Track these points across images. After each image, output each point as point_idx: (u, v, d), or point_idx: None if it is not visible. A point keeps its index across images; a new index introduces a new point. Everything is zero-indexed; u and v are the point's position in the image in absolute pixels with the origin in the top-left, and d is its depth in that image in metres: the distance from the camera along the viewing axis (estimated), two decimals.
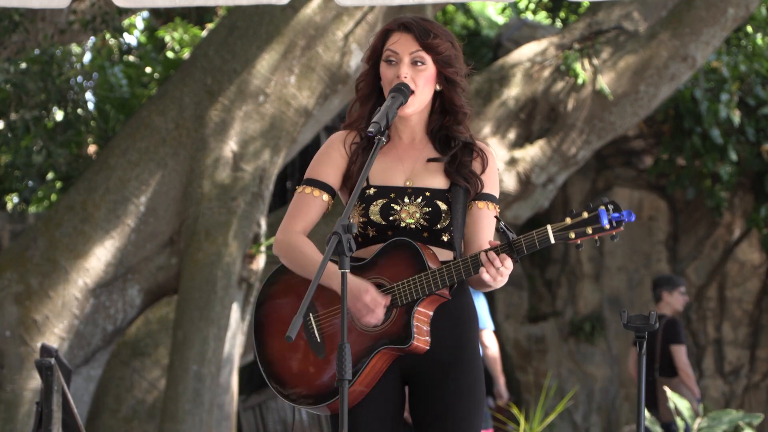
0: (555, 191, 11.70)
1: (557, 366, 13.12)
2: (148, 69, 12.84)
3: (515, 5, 13.93)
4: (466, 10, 14.40)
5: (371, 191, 4.15)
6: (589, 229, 3.92)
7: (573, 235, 3.94)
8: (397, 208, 4.13)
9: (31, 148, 11.22)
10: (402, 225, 4.12)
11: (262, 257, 9.66)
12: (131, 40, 14.33)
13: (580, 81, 11.03)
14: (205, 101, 9.64)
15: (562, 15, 13.63)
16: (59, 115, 11.35)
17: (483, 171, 4.21)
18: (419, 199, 4.13)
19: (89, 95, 11.85)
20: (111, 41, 12.50)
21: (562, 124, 11.12)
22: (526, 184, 11.09)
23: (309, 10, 9.78)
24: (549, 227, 3.95)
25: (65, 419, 5.18)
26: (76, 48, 12.14)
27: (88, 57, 13.13)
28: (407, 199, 4.14)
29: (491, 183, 4.22)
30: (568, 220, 3.95)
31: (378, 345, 4.03)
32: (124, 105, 12.00)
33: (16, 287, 9.26)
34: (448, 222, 4.13)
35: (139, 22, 14.46)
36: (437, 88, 4.20)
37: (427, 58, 4.15)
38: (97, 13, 10.50)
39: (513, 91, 11.20)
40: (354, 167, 4.18)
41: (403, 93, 4.10)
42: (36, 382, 9.05)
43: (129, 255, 9.43)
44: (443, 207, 4.13)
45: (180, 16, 12.87)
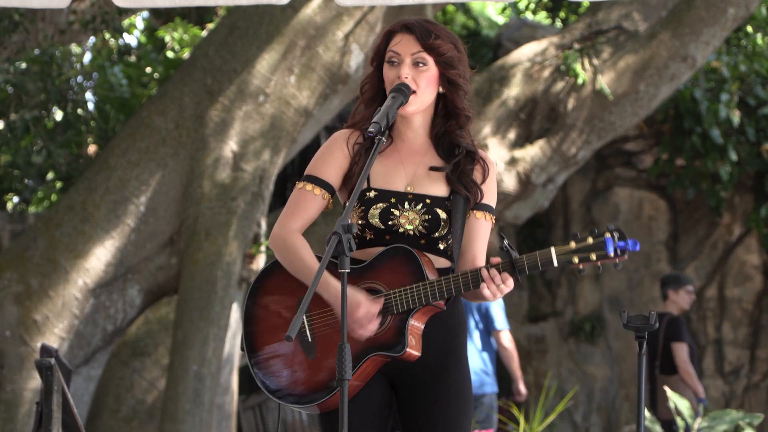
0: (555, 191, 11.69)
1: (557, 366, 13.12)
2: (148, 69, 12.83)
3: (515, 5, 13.93)
4: (466, 10, 14.40)
5: (371, 194, 4.13)
6: (593, 255, 3.97)
7: (576, 260, 3.97)
8: (397, 213, 4.12)
9: (31, 148, 11.22)
10: (400, 230, 4.11)
11: (262, 257, 9.66)
12: (131, 40, 14.33)
13: (580, 81, 11.03)
14: (205, 101, 9.64)
15: (562, 15, 13.63)
16: (59, 115, 11.35)
17: (483, 181, 4.20)
18: (419, 206, 4.13)
19: (89, 95, 11.85)
20: (111, 41, 12.49)
21: (562, 124, 11.12)
22: (526, 184, 11.09)
23: (309, 10, 9.78)
24: (553, 249, 3.96)
25: (65, 419, 5.18)
26: (76, 48, 12.13)
27: (88, 57, 13.13)
28: (407, 205, 4.13)
29: (490, 193, 4.22)
30: (572, 244, 3.98)
31: (370, 351, 4.03)
32: (124, 105, 11.99)
33: (16, 287, 9.26)
34: (446, 230, 4.12)
35: (139, 22, 14.46)
36: (440, 90, 4.19)
37: (429, 59, 4.14)
38: (97, 13, 10.50)
39: (513, 91, 11.20)
40: (356, 168, 4.16)
41: (404, 93, 4.09)
42: (36, 382, 9.05)
43: (129, 255, 9.43)
44: (443, 215, 4.12)
45: (180, 16, 12.87)
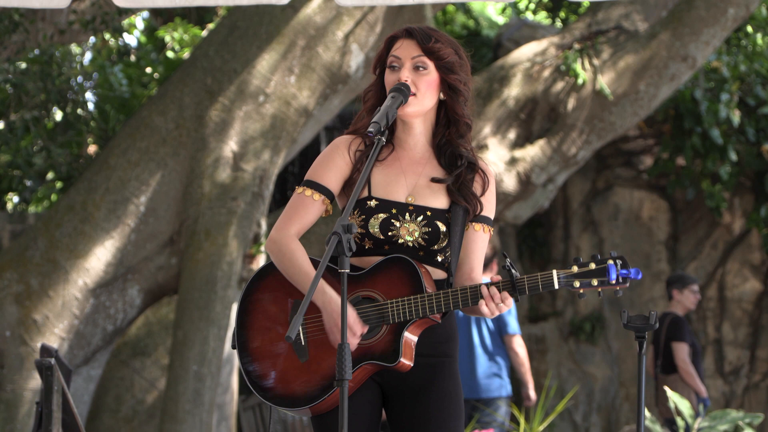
0: (555, 191, 11.70)
1: (557, 366, 13.11)
2: (148, 69, 12.83)
3: (515, 5, 13.93)
4: (466, 10, 14.40)
5: (372, 203, 4.13)
6: (595, 281, 3.98)
7: (577, 284, 3.99)
8: (397, 224, 4.12)
9: (31, 148, 11.21)
10: (400, 241, 4.11)
11: (262, 257, 9.66)
12: (131, 40, 14.33)
13: (580, 81, 11.03)
14: (205, 101, 9.64)
15: (562, 15, 13.63)
16: (59, 115, 11.34)
17: (483, 193, 4.20)
18: (420, 218, 4.12)
19: (89, 95, 11.84)
20: (111, 41, 12.49)
21: (562, 124, 11.12)
22: (526, 184, 11.09)
23: (309, 10, 9.78)
24: (555, 273, 3.98)
25: (65, 419, 5.18)
26: (76, 48, 12.13)
27: (88, 57, 13.12)
28: (408, 217, 4.12)
29: (489, 206, 4.22)
30: (574, 268, 3.99)
31: (363, 359, 4.03)
32: (124, 105, 11.98)
33: (16, 287, 9.26)
34: (445, 243, 4.12)
35: (139, 22, 14.46)
36: (441, 97, 4.18)
37: (430, 63, 4.14)
38: (97, 13, 10.51)
39: (513, 91, 11.20)
40: (356, 175, 4.16)
41: (403, 93, 4.08)
42: (36, 382, 9.05)
43: (129, 255, 9.42)
44: (443, 228, 4.12)
45: (180, 16, 12.87)
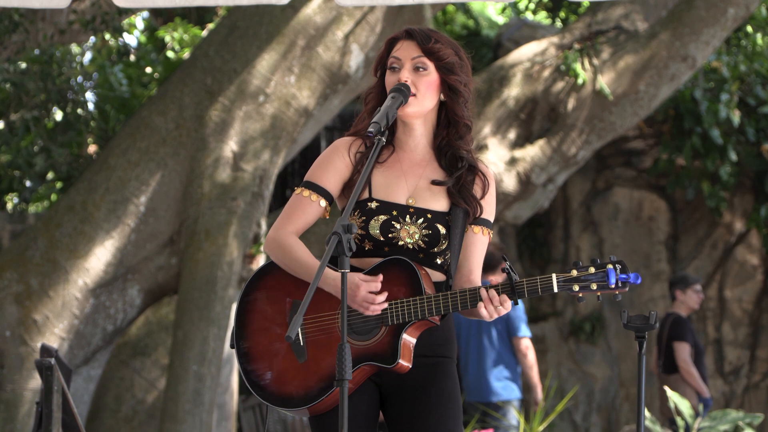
0: (555, 191, 11.70)
1: (557, 366, 13.11)
2: (148, 69, 12.83)
3: (515, 5, 13.93)
4: (466, 10, 14.40)
5: (373, 205, 4.13)
6: (594, 285, 3.99)
7: (577, 288, 4.00)
8: (398, 226, 4.12)
9: (31, 148, 11.21)
10: (400, 243, 4.11)
11: (261, 257, 9.66)
12: (131, 40, 14.33)
13: (580, 81, 11.03)
14: (205, 101, 9.64)
15: (562, 15, 13.63)
16: (59, 115, 11.34)
17: (483, 195, 4.21)
18: (420, 220, 4.13)
19: (89, 95, 11.84)
20: (111, 41, 12.49)
21: (562, 124, 11.12)
22: (526, 184, 11.09)
23: (309, 10, 9.78)
24: (554, 276, 3.99)
25: (65, 419, 5.18)
26: (76, 48, 12.13)
27: (88, 57, 13.12)
28: (408, 219, 4.13)
29: (489, 208, 4.23)
30: (574, 272, 4.00)
31: (361, 360, 4.03)
32: (124, 105, 11.98)
33: (16, 287, 9.26)
34: (445, 246, 4.13)
35: (139, 22, 14.46)
36: (441, 98, 4.18)
37: (430, 64, 4.14)
38: (97, 13, 10.51)
39: (513, 91, 11.20)
40: (356, 177, 4.16)
41: (403, 93, 4.08)
42: (36, 382, 9.05)
43: (129, 255, 9.42)
44: (443, 231, 4.12)
45: (180, 16, 12.87)
